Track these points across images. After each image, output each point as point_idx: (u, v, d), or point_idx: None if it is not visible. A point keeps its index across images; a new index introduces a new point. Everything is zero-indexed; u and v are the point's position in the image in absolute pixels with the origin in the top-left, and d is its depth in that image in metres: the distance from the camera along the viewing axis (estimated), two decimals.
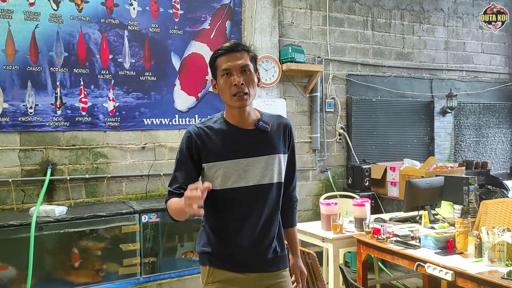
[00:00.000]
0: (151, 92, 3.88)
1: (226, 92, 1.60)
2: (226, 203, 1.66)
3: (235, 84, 1.58)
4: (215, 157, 1.63)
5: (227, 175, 1.63)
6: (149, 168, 3.87)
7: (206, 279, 1.70)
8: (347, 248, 3.35)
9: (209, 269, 1.69)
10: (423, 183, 3.26)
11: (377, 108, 4.98)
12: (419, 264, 2.44)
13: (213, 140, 1.64)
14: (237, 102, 1.59)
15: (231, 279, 1.67)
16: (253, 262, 1.69)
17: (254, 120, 1.68)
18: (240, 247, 1.66)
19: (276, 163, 1.69)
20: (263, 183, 1.66)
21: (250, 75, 1.61)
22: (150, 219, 3.37)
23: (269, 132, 1.68)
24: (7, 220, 2.99)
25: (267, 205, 1.68)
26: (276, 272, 1.72)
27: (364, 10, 4.95)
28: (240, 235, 1.66)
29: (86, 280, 3.20)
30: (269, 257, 1.70)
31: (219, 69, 1.62)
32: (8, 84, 3.39)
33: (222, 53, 1.61)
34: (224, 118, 1.68)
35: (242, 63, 1.59)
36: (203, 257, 1.72)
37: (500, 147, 5.92)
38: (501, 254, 2.24)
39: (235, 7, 4.25)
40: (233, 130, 1.66)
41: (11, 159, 3.41)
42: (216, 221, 1.69)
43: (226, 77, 1.60)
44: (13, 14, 3.40)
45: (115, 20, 3.74)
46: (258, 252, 1.69)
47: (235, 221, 1.67)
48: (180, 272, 3.50)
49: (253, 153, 1.65)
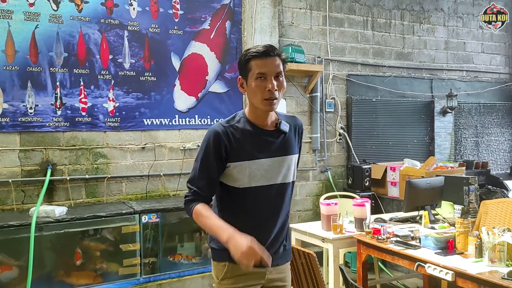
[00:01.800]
0: (151, 92, 3.88)
1: (258, 95, 1.63)
2: (248, 201, 1.70)
3: (269, 89, 1.61)
4: (241, 157, 1.66)
5: (251, 174, 1.67)
6: (149, 169, 3.87)
7: (224, 274, 1.73)
8: (347, 248, 3.35)
9: (227, 265, 1.71)
10: (423, 183, 3.26)
11: (377, 108, 4.98)
12: (419, 264, 2.44)
13: (238, 140, 1.66)
14: (267, 106, 1.64)
15: (248, 273, 1.69)
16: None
17: (273, 121, 1.73)
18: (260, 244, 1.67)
19: (292, 163, 1.77)
20: (283, 182, 1.74)
21: (282, 81, 1.66)
22: (150, 219, 3.36)
23: (288, 133, 1.75)
24: (7, 220, 2.99)
25: (285, 203, 1.76)
26: (284, 265, 1.83)
27: (364, 10, 4.95)
28: (260, 232, 1.68)
29: (87, 280, 3.20)
30: (281, 251, 1.79)
31: (252, 71, 1.63)
32: (8, 84, 3.39)
33: (257, 56, 1.63)
34: (247, 118, 1.71)
35: (277, 69, 1.63)
36: (221, 253, 1.71)
37: (500, 147, 5.92)
38: (502, 254, 2.23)
39: (235, 7, 4.24)
40: (257, 131, 1.70)
41: (11, 159, 3.41)
42: (235, 218, 1.69)
43: (260, 81, 1.62)
44: (13, 14, 3.40)
45: (115, 20, 3.74)
46: (274, 248, 1.75)
47: (256, 219, 1.71)
48: (180, 273, 3.50)
49: (275, 154, 1.71)
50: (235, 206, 1.72)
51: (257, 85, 1.62)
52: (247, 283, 1.72)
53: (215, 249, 1.77)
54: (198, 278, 3.54)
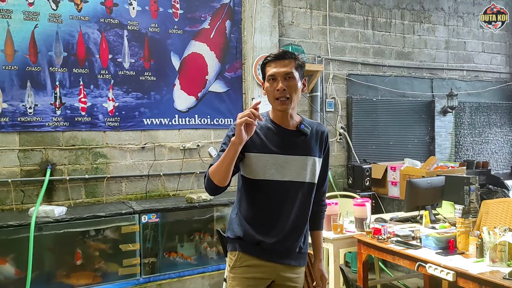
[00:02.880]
0: (151, 92, 3.87)
1: (270, 95, 1.78)
2: (261, 193, 1.79)
3: (277, 89, 1.73)
4: (256, 149, 1.77)
5: (265, 167, 1.77)
6: (149, 168, 3.86)
7: (234, 263, 1.83)
8: (347, 248, 3.34)
9: (238, 254, 1.82)
10: (424, 183, 3.25)
11: (378, 107, 4.97)
12: (420, 264, 2.43)
13: (257, 133, 1.77)
14: (279, 105, 1.76)
15: (258, 265, 1.80)
16: (280, 254, 1.82)
17: (296, 122, 1.84)
18: (269, 238, 1.79)
19: (310, 164, 1.83)
20: (297, 181, 1.80)
21: (292, 82, 1.75)
22: (150, 219, 3.35)
23: (308, 136, 1.84)
24: (6, 220, 2.99)
25: (298, 201, 1.81)
26: (297, 267, 1.88)
27: (364, 10, 4.94)
28: (270, 226, 1.79)
29: (86, 280, 3.19)
30: (296, 252, 1.85)
31: (266, 74, 1.79)
32: (8, 84, 3.38)
33: (270, 60, 1.79)
34: (270, 117, 1.85)
35: (286, 70, 1.75)
36: (234, 242, 1.84)
37: (501, 146, 5.91)
38: (503, 254, 2.22)
39: (235, 7, 4.24)
40: (277, 128, 1.81)
41: (10, 159, 3.41)
42: (250, 210, 1.82)
43: (271, 82, 1.76)
44: (12, 14, 3.39)
45: (114, 20, 3.73)
46: (285, 245, 1.82)
47: (267, 212, 1.80)
48: (180, 273, 3.49)
49: (292, 152, 1.80)
50: (250, 197, 1.81)
51: (269, 86, 1.77)
52: (257, 274, 1.80)
53: (230, 238, 1.86)
54: (198, 278, 3.53)
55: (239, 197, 1.87)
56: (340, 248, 2.97)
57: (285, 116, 1.81)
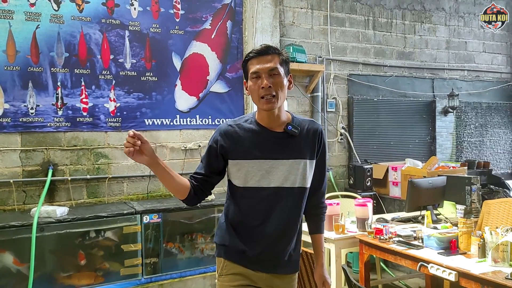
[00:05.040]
0: (152, 92, 3.88)
1: (255, 94, 1.64)
2: (246, 201, 1.70)
3: (262, 87, 1.60)
4: (240, 155, 1.66)
5: (249, 174, 1.66)
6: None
7: (220, 270, 1.76)
8: (349, 249, 3.34)
9: (224, 261, 1.74)
10: (425, 183, 3.25)
11: (379, 108, 4.97)
12: (422, 264, 2.43)
13: (241, 139, 1.67)
14: (265, 104, 1.62)
15: (244, 273, 1.71)
16: (266, 263, 1.71)
17: (284, 122, 1.69)
18: (254, 246, 1.69)
19: (300, 168, 1.69)
20: (285, 186, 1.67)
21: (278, 78, 1.63)
22: (151, 219, 3.36)
23: (298, 137, 1.69)
24: (8, 221, 2.99)
25: (287, 208, 1.69)
26: (287, 274, 1.77)
27: (365, 10, 4.94)
28: (256, 234, 1.69)
29: (88, 280, 3.19)
30: (285, 260, 1.73)
31: (249, 72, 1.65)
32: (9, 84, 3.39)
33: (252, 56, 1.64)
34: (255, 119, 1.71)
35: (270, 66, 1.61)
36: (220, 249, 1.77)
37: (502, 146, 5.90)
38: (505, 254, 2.22)
39: (236, 7, 4.24)
40: (262, 131, 1.68)
41: (12, 159, 3.41)
42: (235, 217, 1.73)
43: (255, 80, 1.63)
44: (14, 14, 3.39)
45: (116, 20, 3.73)
46: (272, 254, 1.71)
47: (252, 220, 1.69)
48: (182, 273, 3.49)
49: (278, 156, 1.67)
50: (236, 203, 1.73)
51: (252, 84, 1.64)
52: (244, 282, 1.71)
53: (216, 244, 1.80)
54: (200, 278, 3.54)
55: (228, 202, 1.78)
56: (342, 248, 2.98)
57: (271, 116, 1.66)
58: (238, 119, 1.74)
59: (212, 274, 3.57)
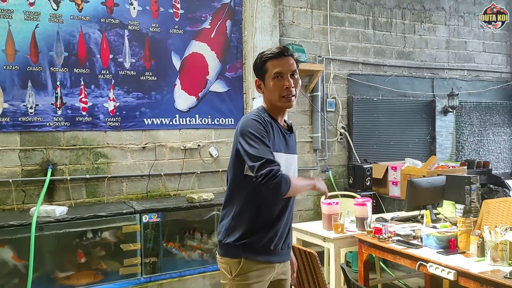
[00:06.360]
0: (152, 92, 3.88)
1: (276, 93, 1.74)
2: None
3: (286, 87, 1.72)
4: (274, 147, 1.72)
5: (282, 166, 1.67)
6: (150, 168, 3.87)
7: (239, 270, 1.74)
8: (348, 248, 3.34)
9: (244, 261, 1.73)
10: (424, 183, 3.24)
11: (378, 107, 4.97)
12: (421, 263, 2.43)
13: (270, 131, 1.73)
14: (286, 103, 1.75)
15: (262, 268, 1.77)
16: (283, 252, 1.84)
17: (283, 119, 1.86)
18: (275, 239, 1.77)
19: (296, 162, 1.89)
20: None
21: (298, 79, 1.78)
22: (150, 219, 3.36)
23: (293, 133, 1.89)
24: (7, 220, 2.99)
25: (291, 200, 1.83)
26: (287, 261, 1.93)
27: (365, 9, 4.94)
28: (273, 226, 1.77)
29: (87, 280, 3.20)
30: (287, 249, 1.88)
31: (269, 72, 1.75)
32: (8, 84, 3.39)
33: (272, 57, 1.75)
34: (268, 114, 1.78)
35: (293, 68, 1.76)
36: (237, 249, 1.74)
37: (501, 146, 5.90)
38: (504, 253, 2.22)
39: (236, 7, 4.24)
40: (279, 127, 1.80)
41: (11, 159, 3.41)
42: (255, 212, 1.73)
43: (277, 80, 1.74)
44: (13, 14, 3.39)
45: (115, 19, 3.73)
46: (286, 244, 1.85)
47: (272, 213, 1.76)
48: (181, 272, 3.49)
49: (289, 150, 1.83)
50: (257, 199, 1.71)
51: (274, 84, 1.74)
52: (259, 278, 1.76)
53: (231, 245, 1.75)
54: (199, 277, 3.54)
55: (241, 200, 1.74)
56: (341, 247, 2.97)
57: (283, 113, 1.82)
58: (258, 112, 1.77)
59: (212, 274, 3.56)
